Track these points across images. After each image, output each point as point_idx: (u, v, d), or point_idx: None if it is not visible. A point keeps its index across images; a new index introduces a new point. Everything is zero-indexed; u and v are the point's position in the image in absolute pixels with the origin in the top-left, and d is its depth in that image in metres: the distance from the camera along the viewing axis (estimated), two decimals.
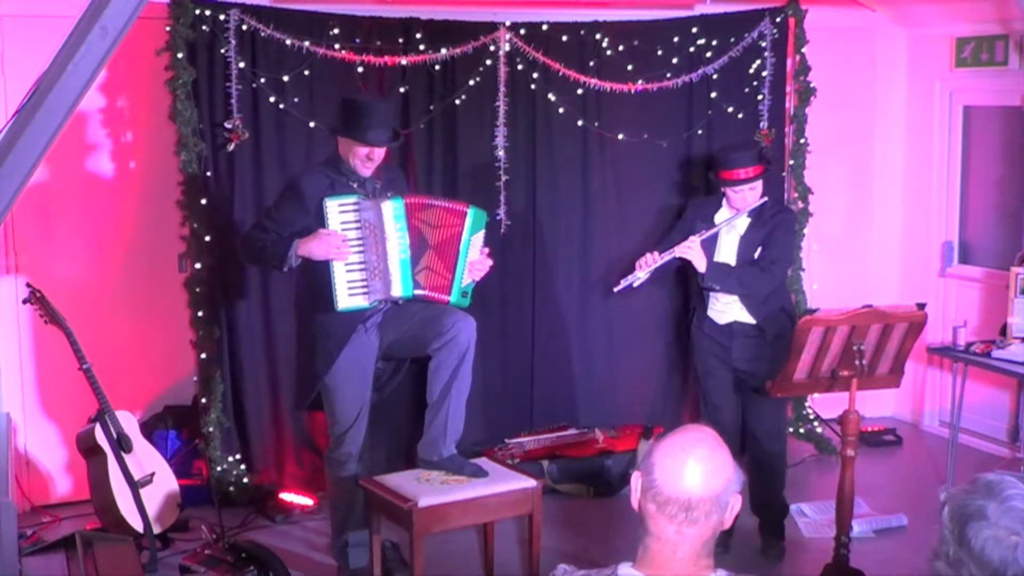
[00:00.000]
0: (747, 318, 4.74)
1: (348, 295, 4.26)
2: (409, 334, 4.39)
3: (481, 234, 4.46)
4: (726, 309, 4.76)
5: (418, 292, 4.34)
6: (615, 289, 4.75)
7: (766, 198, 4.68)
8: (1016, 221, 6.18)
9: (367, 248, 4.27)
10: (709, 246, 4.66)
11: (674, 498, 1.95)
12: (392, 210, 4.29)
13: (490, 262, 4.51)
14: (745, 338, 4.75)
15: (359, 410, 4.39)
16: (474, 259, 4.42)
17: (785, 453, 5.02)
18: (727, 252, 4.70)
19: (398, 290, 4.31)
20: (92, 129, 5.43)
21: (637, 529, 2.04)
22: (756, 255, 4.68)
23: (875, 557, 4.76)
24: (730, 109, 5.97)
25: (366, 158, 4.28)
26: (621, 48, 5.78)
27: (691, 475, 1.95)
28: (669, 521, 1.97)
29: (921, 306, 4.35)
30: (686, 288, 5.99)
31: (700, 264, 4.60)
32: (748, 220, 4.69)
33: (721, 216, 4.73)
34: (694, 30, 5.88)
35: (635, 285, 4.69)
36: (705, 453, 1.97)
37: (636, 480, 2.03)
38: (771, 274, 4.66)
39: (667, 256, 4.61)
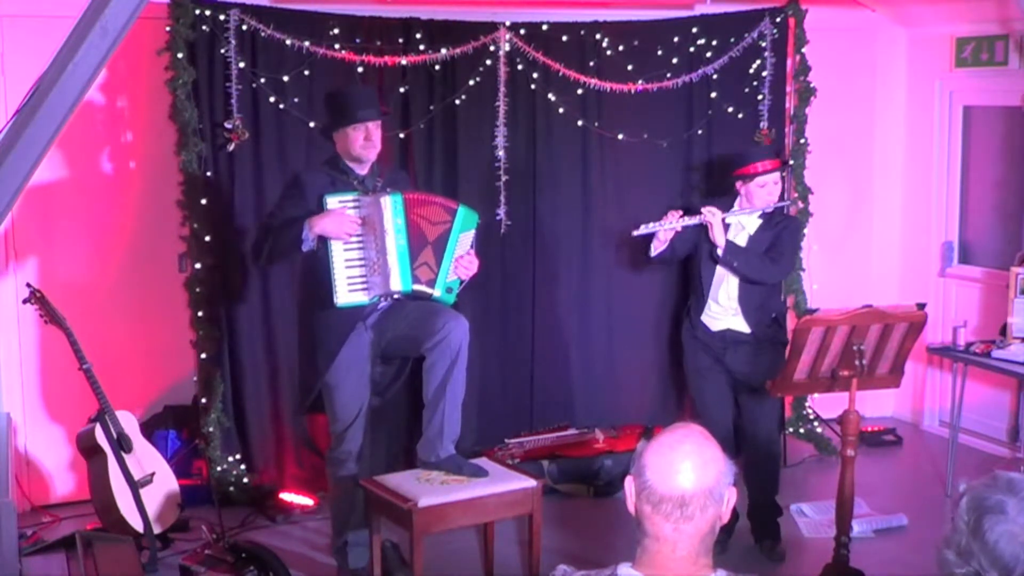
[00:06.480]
0: (741, 327, 4.75)
1: (348, 291, 4.26)
2: (403, 333, 4.39)
3: (470, 234, 4.45)
4: (720, 316, 4.78)
5: (416, 287, 4.34)
6: (634, 233, 4.72)
7: (788, 201, 4.75)
8: (1016, 221, 6.18)
9: (366, 244, 4.27)
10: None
11: (668, 496, 1.96)
12: (391, 205, 4.28)
13: (477, 261, 4.48)
14: (737, 344, 4.77)
15: (359, 408, 4.40)
16: (461, 255, 4.41)
17: (780, 455, 5.02)
18: None
19: (397, 284, 4.30)
20: (92, 129, 5.43)
21: (635, 531, 2.04)
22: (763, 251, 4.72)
23: (875, 557, 4.76)
24: (730, 109, 5.97)
25: (365, 140, 4.29)
26: (621, 48, 5.78)
27: (681, 471, 1.96)
28: (665, 520, 1.97)
29: (921, 306, 4.35)
30: (685, 288, 5.99)
31: (720, 234, 4.62)
32: (759, 222, 4.74)
33: (733, 217, 4.77)
34: (694, 30, 5.89)
35: (657, 238, 4.67)
36: (693, 448, 1.98)
37: (630, 484, 2.04)
38: (777, 267, 4.71)
39: (690, 220, 4.64)
